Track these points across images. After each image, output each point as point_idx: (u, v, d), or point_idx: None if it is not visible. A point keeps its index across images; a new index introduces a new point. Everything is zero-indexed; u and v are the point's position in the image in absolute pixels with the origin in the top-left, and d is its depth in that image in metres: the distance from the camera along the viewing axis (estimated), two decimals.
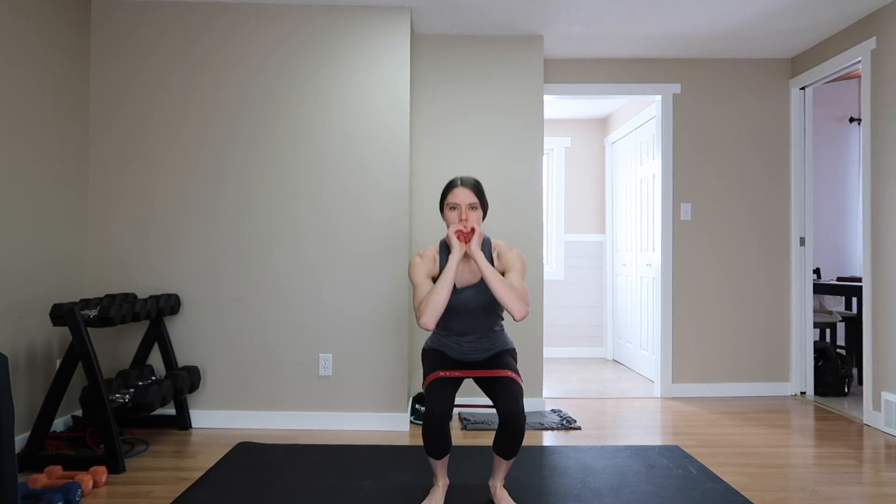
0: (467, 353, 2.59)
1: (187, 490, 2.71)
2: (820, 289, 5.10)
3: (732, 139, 4.72)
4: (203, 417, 3.75)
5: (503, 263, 2.52)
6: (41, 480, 2.66)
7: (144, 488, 2.75)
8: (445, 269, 2.40)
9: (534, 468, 3.02)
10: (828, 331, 5.48)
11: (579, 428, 3.78)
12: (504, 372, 2.42)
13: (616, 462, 3.12)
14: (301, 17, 3.82)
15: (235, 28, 3.81)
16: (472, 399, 4.18)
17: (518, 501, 2.60)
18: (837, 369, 4.60)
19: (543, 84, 4.34)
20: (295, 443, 3.45)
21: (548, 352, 6.52)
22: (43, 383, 3.38)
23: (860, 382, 4.92)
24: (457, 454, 3.22)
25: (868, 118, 3.94)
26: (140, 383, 3.35)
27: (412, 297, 2.63)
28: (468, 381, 4.18)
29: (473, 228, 2.43)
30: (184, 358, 3.77)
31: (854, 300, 5.48)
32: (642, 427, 3.84)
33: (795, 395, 4.67)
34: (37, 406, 3.31)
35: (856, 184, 5.64)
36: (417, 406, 3.93)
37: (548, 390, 4.87)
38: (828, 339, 5.49)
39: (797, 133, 4.69)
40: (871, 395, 3.88)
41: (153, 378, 3.49)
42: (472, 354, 2.59)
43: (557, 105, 6.09)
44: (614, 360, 6.33)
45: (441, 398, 2.31)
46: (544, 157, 6.28)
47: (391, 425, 3.76)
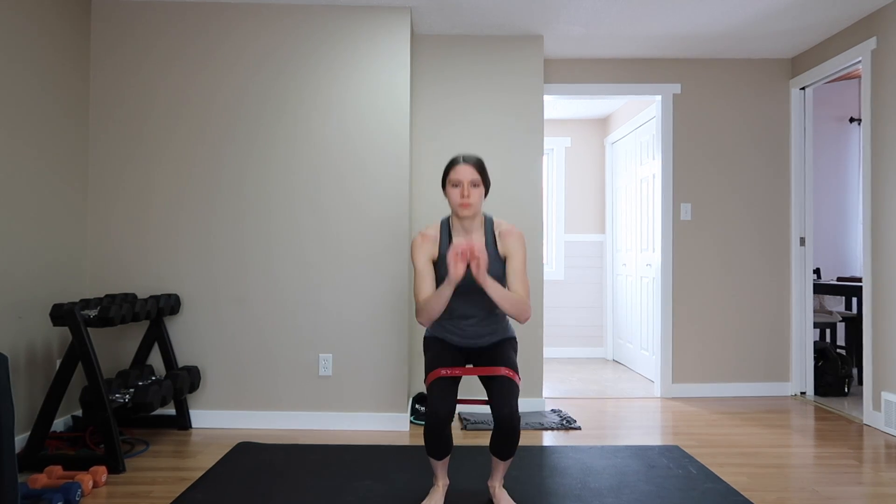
0: (469, 338, 2.56)
1: (187, 490, 2.71)
2: (820, 289, 5.10)
3: (732, 139, 4.72)
4: (203, 417, 3.75)
5: (506, 247, 2.50)
6: (41, 480, 2.66)
7: (144, 488, 2.75)
8: (442, 288, 2.33)
9: (534, 468, 3.02)
10: (828, 331, 5.48)
11: (579, 428, 3.78)
12: (502, 370, 2.41)
13: (616, 462, 3.12)
14: (300, 17, 3.82)
15: (235, 27, 3.81)
16: (473, 395, 4.18)
17: (518, 501, 2.60)
18: (837, 369, 4.60)
19: (543, 84, 4.34)
20: (295, 443, 3.45)
21: (548, 352, 6.52)
22: (43, 383, 3.38)
23: (860, 382, 4.92)
24: (457, 454, 3.22)
25: (868, 118, 3.94)
26: (140, 383, 3.35)
27: (413, 284, 2.62)
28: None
29: (473, 250, 2.25)
30: (184, 358, 3.77)
31: (854, 300, 5.48)
32: (642, 427, 3.84)
33: (795, 395, 4.67)
34: (37, 406, 3.31)
35: (856, 184, 5.64)
36: (417, 406, 3.93)
37: (548, 390, 4.87)
38: (828, 339, 5.49)
39: (797, 133, 4.69)
40: (871, 395, 3.88)
41: (153, 378, 3.49)
42: (474, 339, 2.56)
43: (557, 105, 6.09)
44: (614, 360, 6.33)
45: (443, 399, 2.31)
46: (544, 157, 6.28)
47: (391, 425, 3.76)
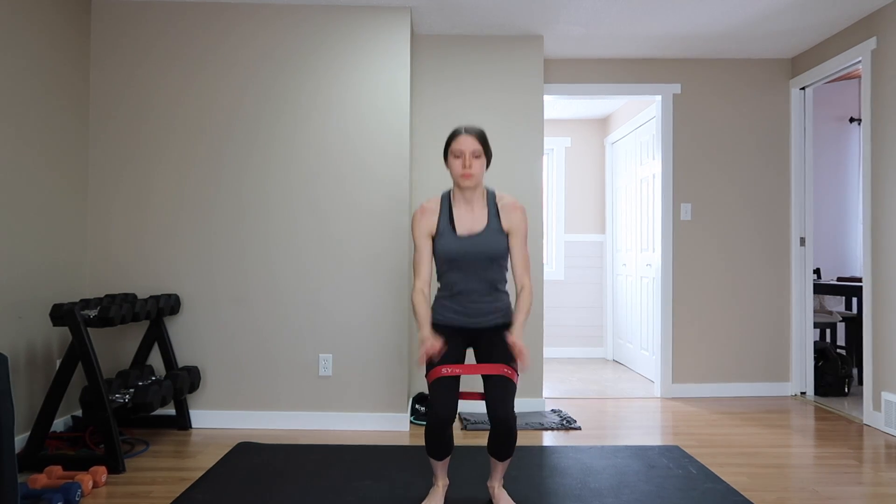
0: (472, 316, 2.51)
1: (187, 490, 2.71)
2: (820, 289, 5.10)
3: (733, 139, 4.72)
4: (203, 417, 3.75)
5: (509, 221, 2.49)
6: (41, 480, 2.66)
7: (144, 488, 2.75)
8: (419, 317, 2.45)
9: (534, 468, 3.02)
10: (828, 331, 5.48)
11: (579, 428, 3.78)
12: (500, 369, 2.40)
13: (616, 462, 3.12)
14: (300, 17, 3.82)
15: (234, 27, 3.81)
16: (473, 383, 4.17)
17: (518, 501, 2.60)
18: (837, 369, 4.60)
19: (543, 84, 4.34)
20: (295, 443, 3.45)
21: (548, 352, 6.52)
22: (43, 383, 3.38)
23: (860, 382, 4.92)
24: (457, 454, 3.22)
25: (868, 118, 3.94)
26: (140, 383, 3.35)
27: (412, 271, 2.61)
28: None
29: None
30: (184, 358, 3.77)
31: (854, 300, 5.48)
32: (642, 427, 3.84)
33: (795, 396, 4.66)
34: (37, 406, 3.31)
35: (856, 184, 5.64)
36: (417, 406, 3.93)
37: (548, 390, 4.87)
38: (828, 339, 5.49)
39: (797, 133, 4.69)
40: (872, 395, 3.88)
41: (153, 378, 3.49)
42: (478, 318, 2.51)
43: (557, 105, 6.09)
44: (614, 360, 6.33)
45: (445, 401, 2.31)
46: (544, 157, 6.29)
47: (391, 425, 3.76)
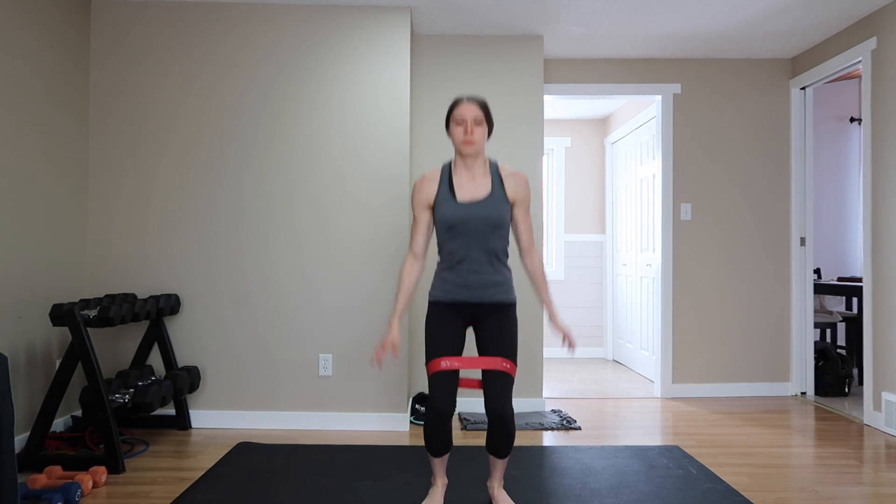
0: (473, 289, 2.43)
1: (187, 490, 2.71)
2: (820, 289, 5.10)
3: (733, 139, 4.72)
4: (203, 417, 3.75)
5: (514, 190, 2.48)
6: (41, 480, 2.66)
7: (144, 488, 2.75)
8: (399, 300, 2.49)
9: (534, 468, 3.02)
10: (828, 331, 5.48)
11: (579, 428, 3.78)
12: (499, 364, 2.38)
13: (616, 462, 3.11)
14: (300, 17, 3.82)
15: (234, 27, 3.81)
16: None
17: (518, 501, 2.60)
18: (838, 369, 4.60)
19: (543, 84, 4.34)
20: (295, 443, 3.45)
21: (548, 352, 6.52)
22: (43, 383, 3.38)
23: (860, 382, 4.92)
24: (457, 454, 3.22)
25: (868, 118, 3.94)
26: (140, 383, 3.35)
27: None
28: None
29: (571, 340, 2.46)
30: (183, 358, 3.77)
31: (854, 300, 5.48)
32: (642, 427, 3.83)
33: (796, 396, 4.66)
34: (37, 406, 3.31)
35: (856, 184, 5.64)
36: (417, 406, 3.93)
37: (548, 390, 4.87)
38: (828, 340, 5.49)
39: (797, 133, 4.69)
40: (872, 396, 3.88)
41: (153, 378, 3.49)
42: (480, 291, 2.44)
43: (557, 105, 6.09)
44: (614, 360, 6.32)
45: (444, 395, 2.31)
46: (544, 157, 6.28)
47: (391, 425, 3.75)
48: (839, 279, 5.14)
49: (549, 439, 3.57)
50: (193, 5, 3.80)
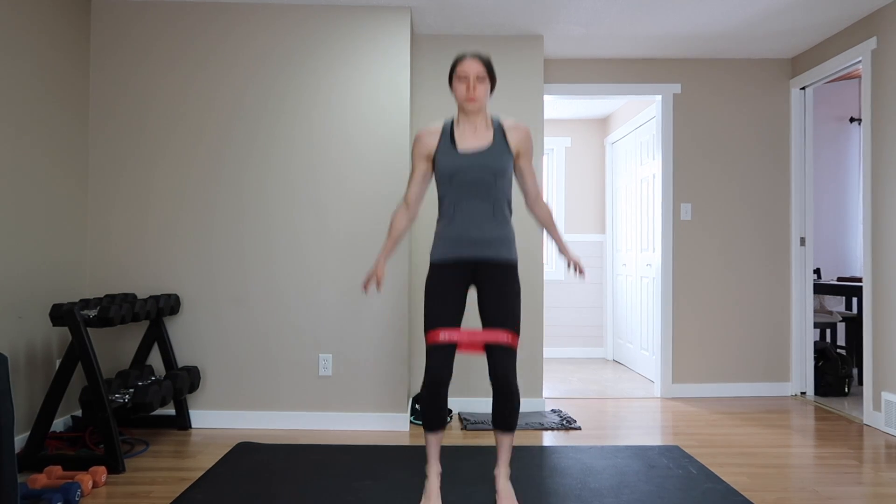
0: (475, 244, 2.39)
1: (187, 490, 2.71)
2: (820, 289, 5.10)
3: (733, 139, 4.72)
4: (203, 417, 3.75)
5: (517, 141, 2.47)
6: (41, 480, 2.66)
7: (144, 488, 2.75)
8: (389, 239, 2.52)
9: (534, 468, 3.02)
10: (828, 331, 5.48)
11: (579, 428, 3.78)
12: (501, 337, 2.37)
13: (616, 462, 3.11)
14: (300, 17, 3.82)
15: (235, 27, 3.81)
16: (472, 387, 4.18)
17: (518, 501, 2.59)
18: (838, 369, 4.60)
19: (543, 84, 4.34)
20: (295, 443, 3.45)
21: (548, 352, 6.52)
22: (43, 383, 3.38)
23: (860, 382, 4.92)
24: (457, 454, 3.22)
25: (868, 118, 3.94)
26: (140, 383, 3.35)
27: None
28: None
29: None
30: (183, 358, 3.77)
31: (854, 300, 5.48)
32: (642, 427, 3.84)
33: (796, 396, 4.66)
34: (37, 406, 3.31)
35: (856, 184, 5.64)
36: (417, 406, 3.93)
37: (548, 390, 4.87)
38: (828, 340, 5.49)
39: (797, 133, 4.69)
40: (872, 396, 3.88)
41: (153, 378, 3.49)
42: (480, 246, 2.39)
43: (557, 105, 6.09)
44: (614, 361, 6.32)
45: (441, 362, 2.35)
46: (544, 157, 6.28)
47: (391, 425, 3.75)
48: (839, 279, 5.14)
49: (549, 439, 3.57)
50: (193, 5, 3.80)
